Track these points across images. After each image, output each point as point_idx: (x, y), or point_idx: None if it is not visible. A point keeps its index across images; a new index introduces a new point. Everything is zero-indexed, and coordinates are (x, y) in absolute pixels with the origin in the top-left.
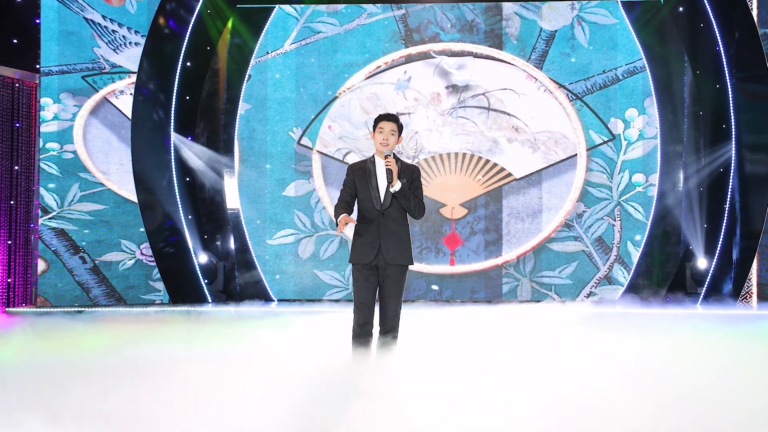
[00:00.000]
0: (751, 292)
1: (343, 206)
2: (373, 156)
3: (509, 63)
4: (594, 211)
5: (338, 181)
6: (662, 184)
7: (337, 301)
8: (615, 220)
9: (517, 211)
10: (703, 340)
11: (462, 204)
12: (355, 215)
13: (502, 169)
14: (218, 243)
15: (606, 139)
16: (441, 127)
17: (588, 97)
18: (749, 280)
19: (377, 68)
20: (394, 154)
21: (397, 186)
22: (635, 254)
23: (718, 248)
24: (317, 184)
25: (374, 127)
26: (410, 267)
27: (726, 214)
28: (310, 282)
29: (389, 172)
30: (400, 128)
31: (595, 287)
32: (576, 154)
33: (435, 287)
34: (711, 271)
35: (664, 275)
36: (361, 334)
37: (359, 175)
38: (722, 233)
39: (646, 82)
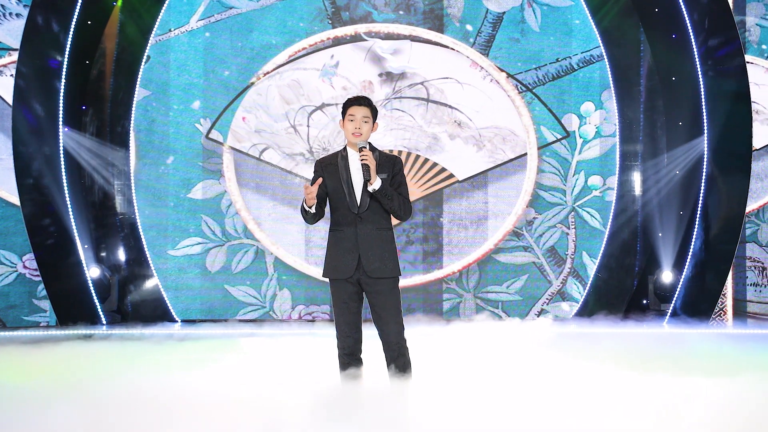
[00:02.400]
0: (726, 309)
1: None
2: (345, 148)
3: (451, 48)
4: (546, 218)
5: (254, 182)
6: (621, 187)
7: (252, 321)
8: (569, 228)
9: (459, 217)
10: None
11: None
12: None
13: (443, 170)
14: (111, 254)
15: (559, 136)
16: None
17: (539, 89)
18: (723, 295)
19: (300, 51)
20: (370, 144)
21: (376, 184)
22: (591, 266)
23: (688, 260)
24: (229, 185)
25: (343, 113)
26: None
27: (697, 222)
28: (221, 299)
29: (365, 167)
30: (375, 113)
31: (547, 304)
32: (526, 154)
33: None
34: (680, 286)
35: (623, 290)
36: (350, 364)
37: (329, 173)
38: (692, 243)
39: (604, 73)
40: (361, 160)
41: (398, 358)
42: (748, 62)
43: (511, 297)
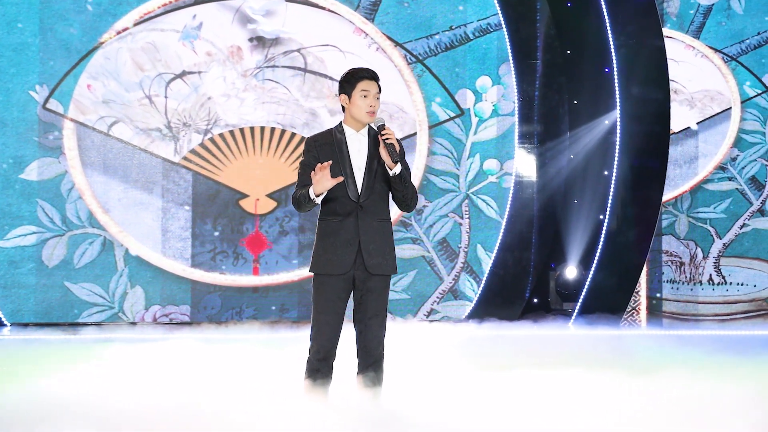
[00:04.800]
0: (639, 308)
1: (300, 192)
2: (341, 125)
3: (332, 11)
4: (437, 206)
5: (101, 162)
6: (520, 172)
7: (99, 324)
8: (462, 218)
9: None
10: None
11: (269, 195)
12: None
13: None
14: None
15: (453, 114)
16: (242, 93)
17: (431, 60)
18: (636, 293)
19: (156, 9)
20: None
21: (397, 167)
22: (487, 261)
23: (598, 254)
24: (71, 164)
25: (350, 87)
26: (195, 278)
27: (608, 212)
28: (60, 299)
29: (392, 148)
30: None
31: (438, 303)
32: (415, 133)
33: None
34: (587, 283)
35: (522, 288)
36: (320, 371)
37: (325, 153)
38: (602, 235)
39: (503, 44)
40: (387, 139)
41: (374, 365)
42: (666, 37)
43: (397, 295)
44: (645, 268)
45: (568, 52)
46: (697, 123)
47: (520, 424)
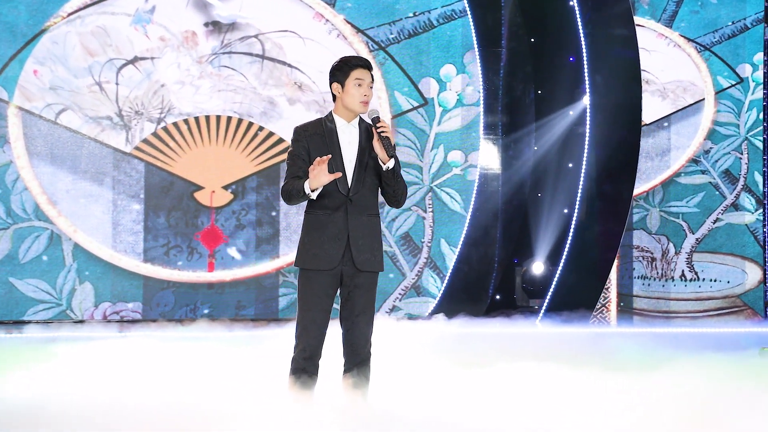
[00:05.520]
0: (609, 305)
1: (292, 184)
2: (331, 115)
3: None
4: None
5: (49, 152)
6: (485, 164)
7: (45, 322)
8: (426, 212)
9: None
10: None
11: (225, 187)
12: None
13: (281, 140)
14: None
15: (416, 104)
16: (197, 80)
17: (394, 48)
18: (606, 289)
19: None
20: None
21: (391, 163)
22: (451, 256)
23: (566, 249)
24: (16, 154)
25: (343, 76)
26: (148, 274)
27: (577, 205)
28: (3, 296)
29: (386, 141)
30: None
31: (400, 299)
32: None
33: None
34: (555, 279)
35: (488, 284)
36: (306, 370)
37: (315, 144)
38: (571, 230)
39: (468, 31)
40: (382, 132)
41: (361, 365)
42: (637, 25)
43: None
44: (615, 264)
45: (533, 39)
46: (670, 114)
47: (510, 422)
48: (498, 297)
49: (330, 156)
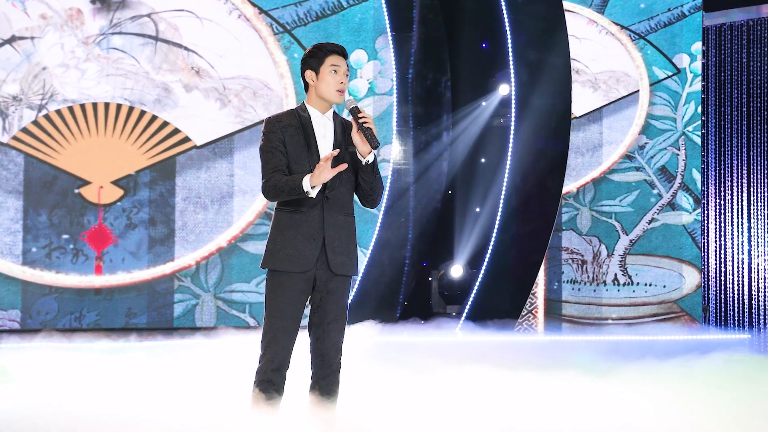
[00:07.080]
0: (536, 311)
1: (282, 179)
2: (304, 106)
3: None
4: None
5: None
6: (398, 159)
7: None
8: None
9: (197, 194)
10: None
11: (115, 182)
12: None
13: (177, 131)
14: None
15: None
16: (83, 63)
17: (300, 30)
18: (533, 294)
19: None
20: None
21: (371, 156)
22: (362, 259)
23: (489, 251)
24: None
25: (317, 62)
26: (27, 278)
27: (501, 204)
28: None
29: (369, 132)
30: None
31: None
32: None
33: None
34: (476, 284)
35: (400, 289)
36: (272, 382)
37: (290, 136)
38: (494, 231)
39: (380, 14)
40: (365, 123)
41: (331, 376)
42: (566, 10)
43: (261, 297)
44: (542, 267)
45: (450, 23)
46: (602, 107)
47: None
48: (407, 303)
49: (338, 150)
